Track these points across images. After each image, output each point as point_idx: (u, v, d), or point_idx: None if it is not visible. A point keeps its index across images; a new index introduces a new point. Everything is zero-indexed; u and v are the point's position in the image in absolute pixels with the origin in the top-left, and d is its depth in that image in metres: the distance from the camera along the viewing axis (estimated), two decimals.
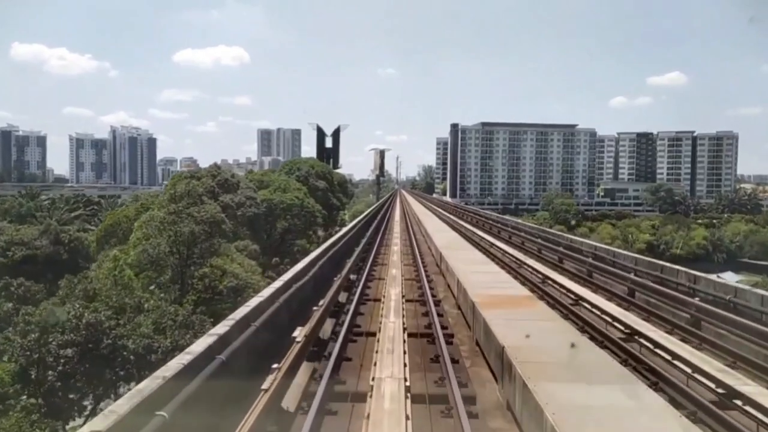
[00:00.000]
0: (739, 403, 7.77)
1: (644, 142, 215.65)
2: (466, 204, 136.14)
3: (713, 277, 14.89)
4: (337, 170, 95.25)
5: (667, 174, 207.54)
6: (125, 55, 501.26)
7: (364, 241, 26.48)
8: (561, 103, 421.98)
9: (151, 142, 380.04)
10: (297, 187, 46.04)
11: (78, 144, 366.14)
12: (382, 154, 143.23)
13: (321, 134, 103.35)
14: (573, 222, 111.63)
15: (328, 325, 11.59)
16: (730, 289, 12.95)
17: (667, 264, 16.69)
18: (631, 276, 16.88)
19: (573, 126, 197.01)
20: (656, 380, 8.77)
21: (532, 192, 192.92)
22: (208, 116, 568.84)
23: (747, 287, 12.93)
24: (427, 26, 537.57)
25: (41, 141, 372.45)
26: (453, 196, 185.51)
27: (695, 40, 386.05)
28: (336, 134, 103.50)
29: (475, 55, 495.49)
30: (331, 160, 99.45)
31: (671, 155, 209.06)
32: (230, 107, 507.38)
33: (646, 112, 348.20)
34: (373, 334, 10.62)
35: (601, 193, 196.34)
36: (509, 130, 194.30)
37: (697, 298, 13.37)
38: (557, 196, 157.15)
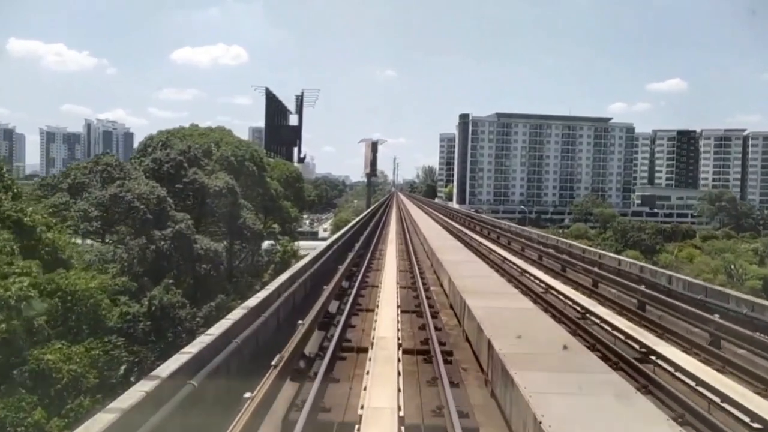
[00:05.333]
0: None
1: (685, 141, 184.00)
2: (477, 211, 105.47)
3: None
4: (302, 162, 62.22)
5: (713, 178, 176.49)
6: (124, 53, 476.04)
7: None
8: (560, 108, 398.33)
9: (128, 136, 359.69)
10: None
11: (49, 138, 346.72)
12: (374, 146, 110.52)
13: (274, 105, 64.63)
14: (647, 243, 78.17)
15: None
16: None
17: None
18: None
19: (606, 120, 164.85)
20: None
21: (556, 198, 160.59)
22: (206, 116, 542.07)
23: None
24: (424, 28, 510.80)
25: (8, 134, 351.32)
26: (461, 201, 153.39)
27: (696, 46, 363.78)
28: (299, 107, 66.21)
29: (471, 60, 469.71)
30: (295, 149, 65.65)
31: (717, 157, 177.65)
32: (229, 107, 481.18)
33: (645, 119, 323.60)
34: None
35: (638, 201, 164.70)
36: (530, 124, 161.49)
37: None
38: (594, 204, 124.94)
